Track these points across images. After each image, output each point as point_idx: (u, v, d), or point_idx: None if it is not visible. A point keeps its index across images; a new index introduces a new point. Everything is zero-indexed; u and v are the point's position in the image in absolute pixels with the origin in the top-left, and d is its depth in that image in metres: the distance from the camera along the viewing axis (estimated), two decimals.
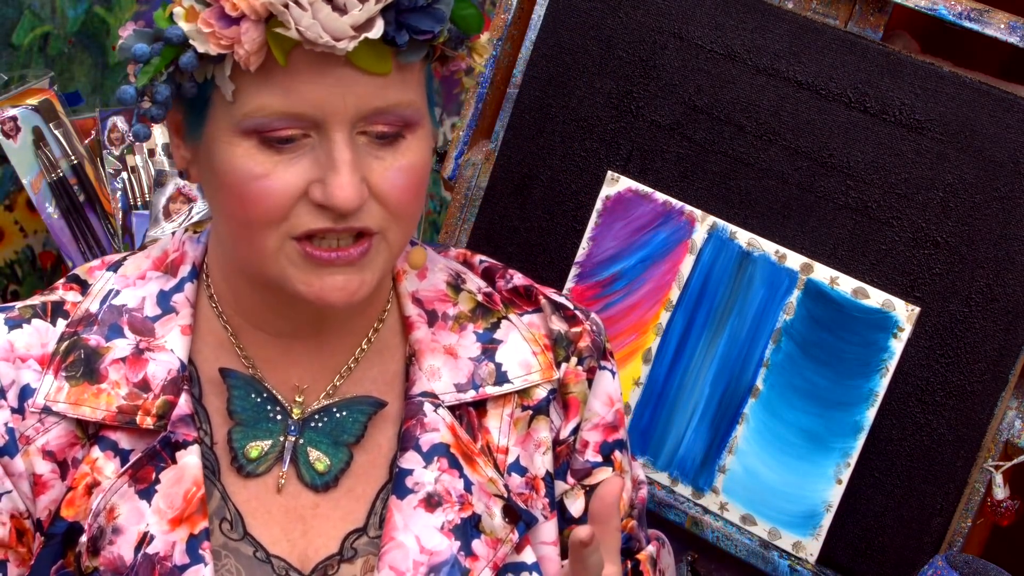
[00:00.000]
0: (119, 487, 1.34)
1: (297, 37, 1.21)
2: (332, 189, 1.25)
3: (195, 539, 1.33)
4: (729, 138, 1.88)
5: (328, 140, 1.26)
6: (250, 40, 1.22)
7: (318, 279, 1.30)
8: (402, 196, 1.30)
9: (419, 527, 1.37)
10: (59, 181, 2.15)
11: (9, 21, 2.17)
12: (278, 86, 1.25)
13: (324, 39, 1.21)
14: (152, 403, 1.36)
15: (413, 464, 1.39)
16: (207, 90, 1.28)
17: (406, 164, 1.30)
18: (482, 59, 1.37)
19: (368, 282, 1.32)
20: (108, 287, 1.43)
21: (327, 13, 1.20)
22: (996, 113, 1.75)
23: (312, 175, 1.27)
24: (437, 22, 1.26)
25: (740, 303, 1.86)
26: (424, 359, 1.44)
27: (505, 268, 1.54)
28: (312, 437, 1.40)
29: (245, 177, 1.27)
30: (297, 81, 1.24)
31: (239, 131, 1.27)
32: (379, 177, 1.28)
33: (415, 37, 1.26)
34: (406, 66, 1.28)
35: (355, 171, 1.26)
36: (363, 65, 1.24)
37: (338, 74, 1.24)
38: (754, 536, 1.87)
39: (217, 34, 1.23)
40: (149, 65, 1.26)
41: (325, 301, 1.31)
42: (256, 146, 1.27)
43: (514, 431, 1.45)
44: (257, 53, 1.23)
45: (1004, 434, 1.77)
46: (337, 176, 1.25)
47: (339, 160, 1.25)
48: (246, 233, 1.30)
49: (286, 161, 1.27)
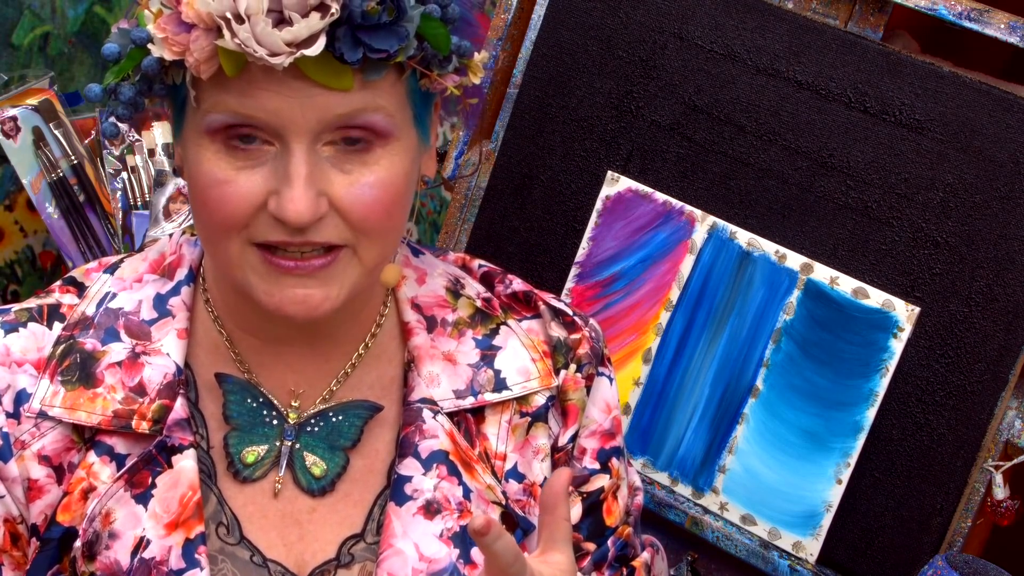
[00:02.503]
0: (115, 492, 1.34)
1: (236, 49, 1.20)
2: (284, 202, 1.24)
3: (191, 543, 1.32)
4: (729, 138, 1.88)
5: (287, 152, 1.24)
6: (199, 48, 1.22)
7: (279, 290, 1.29)
8: (367, 212, 1.27)
9: (418, 534, 1.37)
10: (59, 181, 2.15)
11: (9, 21, 2.17)
12: (236, 92, 1.23)
13: (259, 53, 1.19)
14: (148, 407, 1.36)
15: (412, 471, 1.39)
16: (182, 91, 1.28)
17: (374, 179, 1.27)
18: (477, 78, 1.34)
19: (332, 297, 1.30)
20: (105, 290, 1.42)
21: (263, 27, 1.18)
22: (996, 113, 1.75)
23: (271, 184, 1.25)
24: (398, 40, 1.23)
25: (740, 303, 1.86)
26: (423, 365, 1.43)
27: (504, 273, 1.53)
28: (308, 442, 1.40)
29: (209, 181, 1.26)
30: (255, 88, 1.23)
31: (204, 132, 1.26)
32: (342, 191, 1.26)
33: (370, 55, 1.23)
34: (373, 82, 1.25)
35: (310, 186, 1.24)
36: (319, 79, 1.22)
37: (295, 86, 1.22)
38: (754, 536, 1.86)
39: (171, 40, 1.22)
40: (117, 65, 1.26)
41: (284, 313, 1.29)
42: (221, 150, 1.26)
43: (512, 438, 1.44)
44: (207, 62, 1.22)
45: (1004, 434, 1.77)
46: (290, 190, 1.23)
47: (293, 173, 1.23)
48: (212, 237, 1.30)
49: (248, 168, 1.25)
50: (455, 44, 1.29)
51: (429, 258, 1.51)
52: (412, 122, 1.31)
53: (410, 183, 1.32)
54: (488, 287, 1.52)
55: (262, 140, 1.25)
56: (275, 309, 1.30)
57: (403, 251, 1.49)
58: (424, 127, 1.34)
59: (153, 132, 2.18)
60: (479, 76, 1.34)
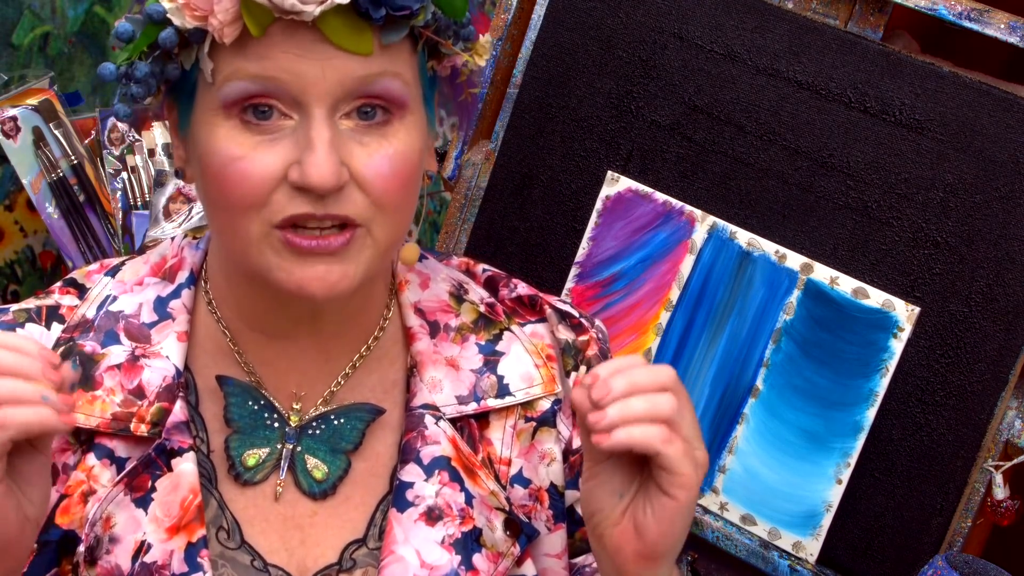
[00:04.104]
0: (115, 496, 1.33)
1: (265, 3, 1.20)
2: (307, 168, 1.22)
3: (193, 547, 1.32)
4: (729, 138, 1.88)
5: (307, 119, 1.23)
6: (223, 10, 1.21)
7: (299, 268, 1.27)
8: (386, 184, 1.26)
9: (419, 541, 1.36)
10: (59, 181, 2.15)
11: (9, 21, 2.16)
12: (254, 55, 1.22)
13: (290, 2, 1.19)
14: (147, 410, 1.35)
15: (414, 477, 1.38)
16: (192, 75, 1.27)
17: (391, 151, 1.26)
18: (482, 59, 1.35)
19: (350, 275, 1.28)
20: (105, 292, 1.42)
21: None
22: (996, 113, 1.75)
23: (291, 157, 1.24)
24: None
25: (740, 303, 1.86)
26: (426, 371, 1.43)
27: (508, 277, 1.53)
28: (310, 445, 1.39)
29: (225, 159, 1.25)
30: (275, 50, 1.22)
31: (220, 106, 1.25)
32: (362, 163, 1.25)
33: (392, 13, 1.22)
34: (391, 47, 1.25)
35: (332, 151, 1.23)
36: (340, 42, 1.21)
37: (316, 49, 1.22)
38: (754, 536, 1.87)
39: (192, 5, 1.22)
40: (131, 43, 1.26)
41: (305, 291, 1.28)
42: (237, 127, 1.25)
43: (517, 443, 1.44)
44: (232, 24, 1.21)
45: (1004, 434, 1.77)
46: (313, 154, 1.22)
47: (316, 139, 1.22)
48: (229, 220, 1.28)
49: (266, 143, 1.24)
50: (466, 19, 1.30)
51: (433, 263, 1.51)
52: (422, 101, 1.31)
53: (421, 161, 1.31)
54: (492, 292, 1.51)
55: (280, 113, 1.24)
56: (296, 288, 1.28)
57: None
58: (431, 111, 1.35)
59: (153, 132, 2.18)
60: (484, 57, 1.35)
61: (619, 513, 1.26)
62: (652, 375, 1.21)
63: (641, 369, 1.21)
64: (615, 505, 1.26)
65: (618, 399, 1.19)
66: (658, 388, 1.20)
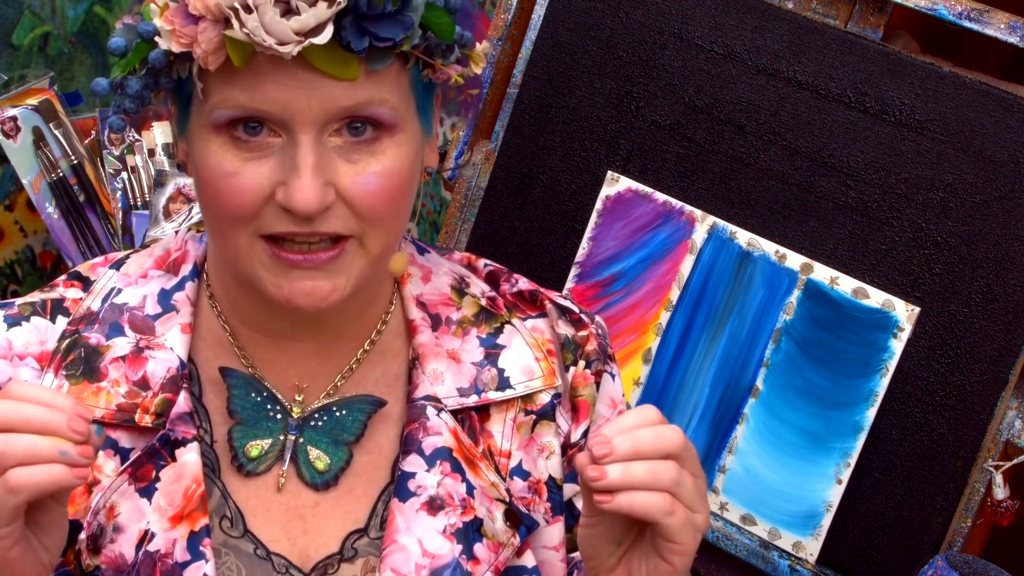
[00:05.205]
0: (119, 485, 1.34)
1: (244, 39, 1.21)
2: (291, 192, 1.24)
3: (196, 536, 1.33)
4: (729, 138, 1.88)
5: (294, 142, 1.25)
6: (207, 40, 1.22)
7: (287, 282, 1.29)
8: (374, 201, 1.28)
9: (421, 530, 1.37)
10: (59, 181, 2.15)
11: (9, 21, 2.17)
12: (242, 84, 1.24)
13: (268, 42, 1.20)
14: (151, 401, 1.36)
15: (415, 467, 1.39)
16: (187, 85, 1.29)
17: (380, 169, 1.27)
18: (478, 67, 1.35)
19: (340, 287, 1.30)
20: (110, 285, 1.43)
21: (271, 16, 1.19)
22: (996, 113, 1.75)
23: (278, 177, 1.26)
24: (403, 29, 1.24)
25: (740, 303, 1.87)
26: (427, 363, 1.43)
27: (510, 272, 1.54)
28: (312, 436, 1.40)
29: (217, 173, 1.27)
30: (261, 80, 1.23)
31: (211, 126, 1.27)
32: (349, 181, 1.27)
33: (376, 44, 1.23)
34: (378, 71, 1.26)
35: (317, 174, 1.24)
36: (325, 69, 1.22)
37: (302, 76, 1.23)
38: (754, 536, 1.87)
39: (178, 32, 1.23)
40: (124, 59, 1.27)
41: (293, 305, 1.30)
42: (227, 143, 1.26)
43: (517, 435, 1.45)
44: (215, 53, 1.22)
45: (1004, 434, 1.77)
46: (298, 179, 1.24)
47: (301, 163, 1.24)
48: (220, 230, 1.31)
49: (255, 160, 1.26)
50: (458, 33, 1.30)
51: (434, 256, 1.51)
52: (416, 113, 1.32)
53: (414, 173, 1.32)
54: (493, 286, 1.52)
55: (268, 130, 1.26)
56: (284, 301, 1.30)
57: (409, 249, 1.49)
58: (427, 117, 1.35)
59: (153, 132, 2.18)
60: (481, 65, 1.35)
61: (615, 560, 1.27)
62: (656, 439, 1.21)
63: (647, 431, 1.21)
64: (612, 552, 1.27)
65: (619, 460, 1.19)
66: (661, 455, 1.20)
